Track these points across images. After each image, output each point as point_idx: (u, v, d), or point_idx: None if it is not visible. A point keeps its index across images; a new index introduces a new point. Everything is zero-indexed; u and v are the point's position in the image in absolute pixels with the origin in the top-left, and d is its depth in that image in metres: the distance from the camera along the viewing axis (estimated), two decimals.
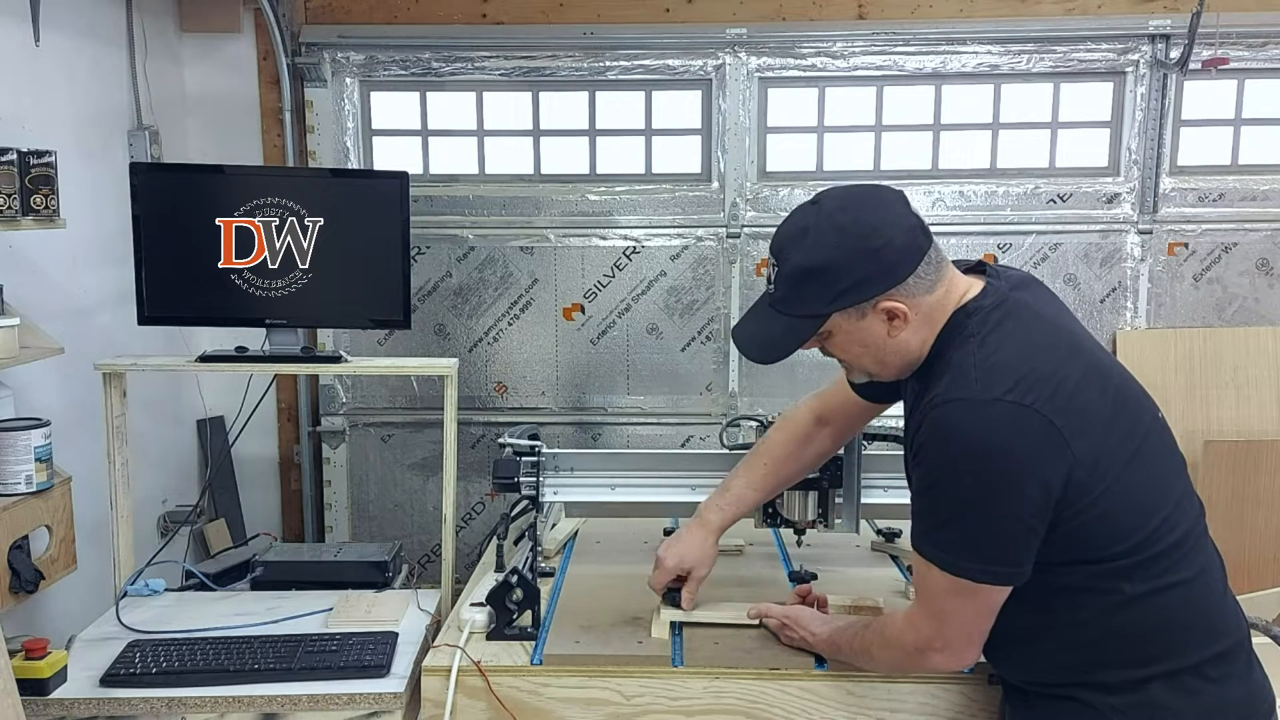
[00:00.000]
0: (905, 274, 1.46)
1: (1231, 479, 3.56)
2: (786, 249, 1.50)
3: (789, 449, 1.92)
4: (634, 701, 1.77)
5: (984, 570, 1.42)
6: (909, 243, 1.47)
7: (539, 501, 2.22)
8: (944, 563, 1.44)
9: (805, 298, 1.49)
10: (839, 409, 1.88)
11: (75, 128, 3.07)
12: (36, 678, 1.81)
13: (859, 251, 1.45)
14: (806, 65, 3.87)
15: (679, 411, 4.03)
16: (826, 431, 1.91)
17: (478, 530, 3.99)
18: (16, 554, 2.23)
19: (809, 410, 1.93)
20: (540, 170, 4.00)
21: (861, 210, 1.48)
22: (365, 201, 2.43)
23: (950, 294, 1.50)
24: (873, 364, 1.56)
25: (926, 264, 1.47)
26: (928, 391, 1.47)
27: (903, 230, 1.47)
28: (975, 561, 1.42)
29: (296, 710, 1.82)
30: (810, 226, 1.48)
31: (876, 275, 1.45)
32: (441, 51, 3.87)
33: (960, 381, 1.42)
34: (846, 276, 1.45)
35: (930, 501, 1.46)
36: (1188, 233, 3.93)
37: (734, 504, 1.92)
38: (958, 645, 1.49)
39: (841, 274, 1.45)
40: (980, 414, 1.38)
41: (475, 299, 4.00)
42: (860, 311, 1.48)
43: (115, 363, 2.35)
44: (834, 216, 1.47)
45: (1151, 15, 3.80)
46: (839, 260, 1.45)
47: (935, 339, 1.50)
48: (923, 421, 1.45)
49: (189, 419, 3.83)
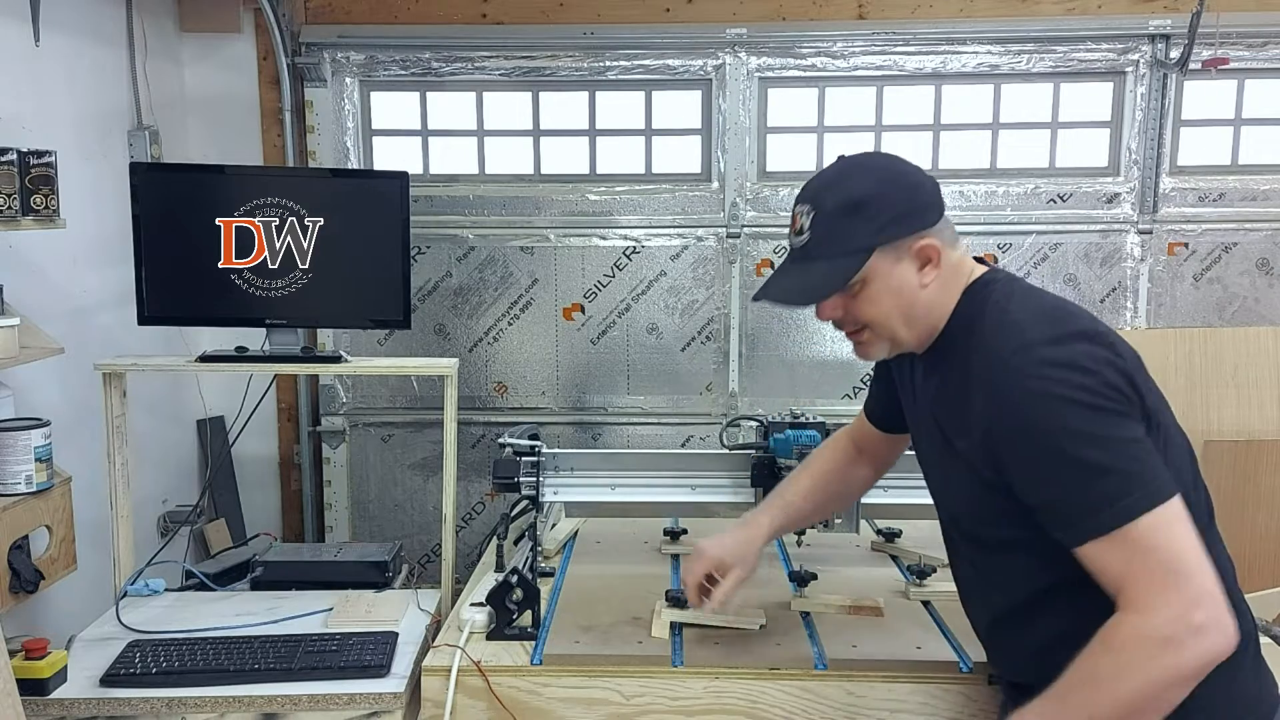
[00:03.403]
0: (937, 217, 1.47)
1: (1232, 479, 3.55)
2: (821, 194, 1.48)
3: (835, 464, 1.88)
4: (634, 701, 1.77)
5: (1163, 484, 1.27)
6: (936, 192, 1.49)
7: (539, 501, 2.22)
8: (1130, 509, 1.25)
9: (850, 233, 1.44)
10: (868, 439, 1.85)
11: (75, 128, 3.07)
12: (36, 678, 1.81)
13: (899, 187, 1.46)
14: (806, 65, 3.87)
15: (679, 411, 4.02)
16: (865, 458, 1.87)
17: (478, 530, 3.99)
18: (16, 554, 2.23)
19: (846, 435, 1.90)
20: (540, 170, 4.00)
21: (888, 158, 1.53)
22: (365, 201, 2.43)
23: (964, 263, 1.50)
24: (900, 323, 1.48)
25: (947, 220, 1.49)
26: (962, 366, 1.42)
27: (931, 180, 1.49)
28: (1151, 482, 1.26)
29: (296, 710, 1.82)
30: (844, 170, 1.49)
31: (916, 211, 1.46)
32: (441, 51, 3.87)
33: (1014, 333, 1.36)
34: (889, 209, 1.44)
35: (1070, 468, 1.28)
36: (1188, 232, 3.93)
37: (784, 510, 1.84)
38: (1209, 587, 1.23)
39: (884, 206, 1.44)
40: (1064, 351, 1.31)
41: (475, 299, 4.00)
42: (897, 253, 1.45)
43: (115, 363, 2.35)
44: (864, 162, 1.51)
45: (1151, 15, 3.80)
46: (881, 194, 1.45)
47: (953, 313, 1.47)
48: (993, 394, 1.34)
49: (189, 419, 3.83)
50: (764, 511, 1.84)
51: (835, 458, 1.89)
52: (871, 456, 1.86)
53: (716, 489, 2.27)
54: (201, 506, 3.70)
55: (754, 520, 1.82)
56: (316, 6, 3.87)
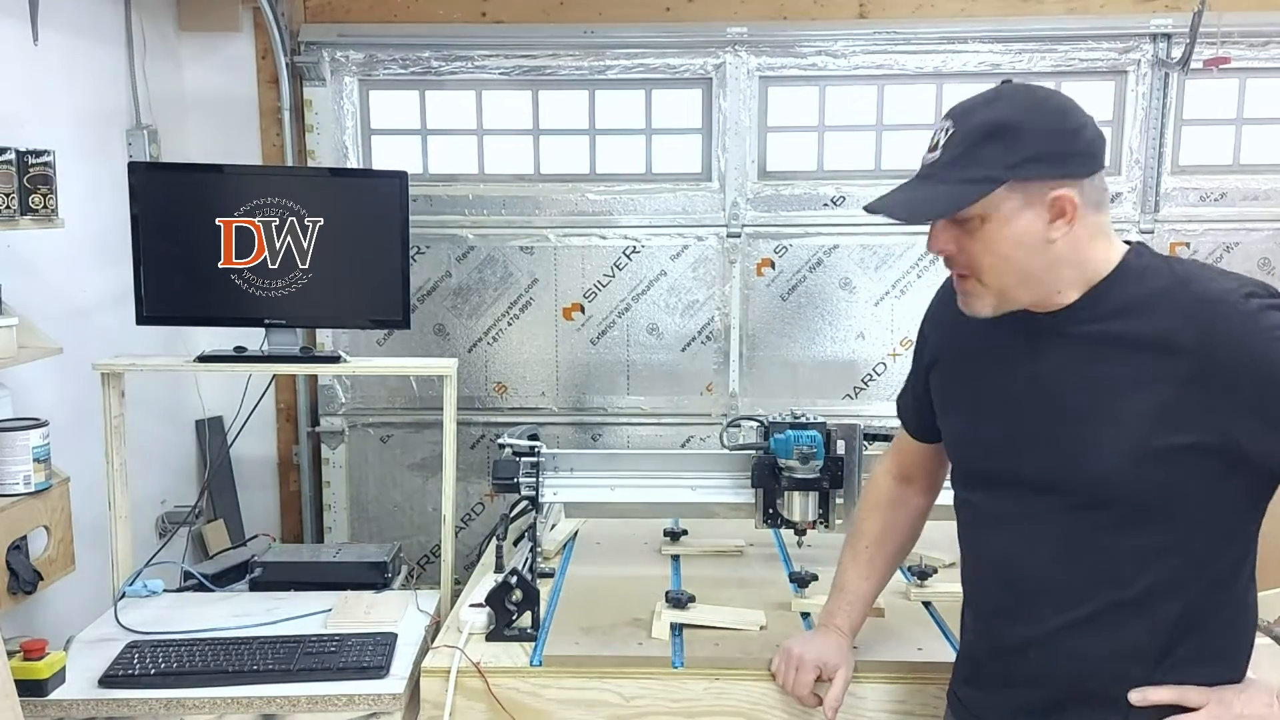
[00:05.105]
0: (1089, 171, 1.31)
1: None
2: (969, 113, 1.34)
3: (882, 522, 1.73)
4: (634, 703, 1.76)
5: None
6: (1099, 143, 1.33)
7: (539, 502, 2.22)
8: None
9: (982, 158, 1.30)
10: (915, 463, 1.71)
11: (74, 127, 3.06)
12: (35, 679, 1.80)
13: (1053, 124, 1.31)
14: (807, 64, 3.86)
15: (679, 411, 4.02)
16: (914, 488, 1.73)
17: (477, 530, 3.98)
18: (15, 555, 2.23)
19: (885, 474, 1.76)
20: (540, 170, 3.99)
21: (1055, 94, 1.37)
22: (365, 201, 2.43)
23: (1110, 229, 1.38)
24: (1015, 278, 1.34)
25: (1101, 180, 1.34)
26: (1140, 320, 1.31)
27: (1095, 128, 1.33)
28: None
29: (295, 711, 1.82)
30: (1002, 92, 1.35)
31: (1064, 155, 1.30)
32: (441, 50, 3.86)
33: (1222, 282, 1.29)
34: (1033, 144, 1.29)
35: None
36: (1189, 232, 3.93)
37: (855, 601, 1.73)
38: None
39: (1029, 139, 1.29)
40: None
41: (475, 299, 3.99)
42: (1029, 196, 1.30)
43: (114, 363, 2.35)
44: (1028, 91, 1.36)
45: (1153, 14, 3.79)
46: (1030, 124, 1.30)
47: (1119, 264, 1.36)
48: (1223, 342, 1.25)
49: (188, 419, 3.82)
50: (838, 615, 1.74)
51: (875, 514, 1.74)
52: (922, 479, 1.72)
53: (716, 489, 2.26)
54: (200, 507, 3.69)
55: (833, 626, 1.73)
56: (316, 5, 3.87)
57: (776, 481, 2.15)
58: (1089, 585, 1.37)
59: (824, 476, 2.11)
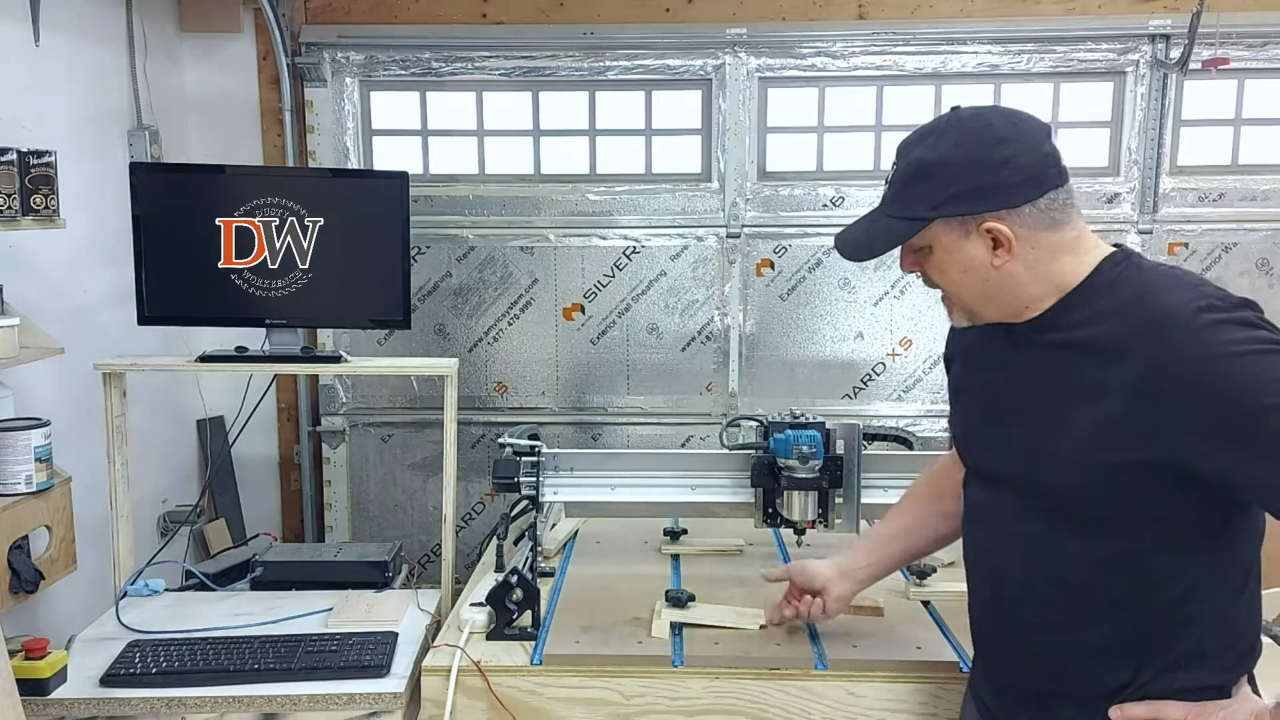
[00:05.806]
0: (1021, 200, 1.33)
1: None
2: (910, 147, 1.40)
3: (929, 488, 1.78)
4: (634, 701, 1.77)
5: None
6: (1037, 168, 1.34)
7: (539, 501, 2.22)
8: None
9: (912, 197, 1.36)
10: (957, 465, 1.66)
11: (75, 128, 3.07)
12: (36, 678, 1.81)
13: (980, 160, 1.33)
14: (806, 65, 3.87)
15: (679, 411, 4.02)
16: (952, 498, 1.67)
17: (478, 530, 3.98)
18: (16, 554, 2.23)
19: (944, 465, 1.77)
20: (540, 170, 4.00)
21: (996, 121, 1.37)
22: (365, 201, 2.43)
23: (1083, 240, 1.37)
24: (975, 296, 1.40)
25: (1052, 200, 1.34)
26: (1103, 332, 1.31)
27: (1034, 153, 1.35)
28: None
29: (296, 710, 1.82)
30: (939, 128, 1.38)
31: (991, 190, 1.33)
32: (441, 51, 3.87)
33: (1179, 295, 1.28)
34: (958, 181, 1.33)
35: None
36: (1188, 232, 3.93)
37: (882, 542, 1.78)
38: None
39: (954, 178, 1.33)
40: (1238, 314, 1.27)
41: (475, 299, 3.99)
42: (964, 228, 1.35)
43: (115, 363, 2.35)
44: (966, 121, 1.37)
45: (1151, 15, 3.80)
46: (955, 162, 1.34)
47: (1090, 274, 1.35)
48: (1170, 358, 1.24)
49: (189, 419, 3.83)
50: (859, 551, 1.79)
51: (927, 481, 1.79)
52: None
53: (716, 489, 2.27)
54: (201, 506, 3.70)
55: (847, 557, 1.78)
56: (316, 6, 3.87)
57: (776, 481, 2.15)
58: (1053, 586, 1.40)
59: (823, 476, 2.12)
